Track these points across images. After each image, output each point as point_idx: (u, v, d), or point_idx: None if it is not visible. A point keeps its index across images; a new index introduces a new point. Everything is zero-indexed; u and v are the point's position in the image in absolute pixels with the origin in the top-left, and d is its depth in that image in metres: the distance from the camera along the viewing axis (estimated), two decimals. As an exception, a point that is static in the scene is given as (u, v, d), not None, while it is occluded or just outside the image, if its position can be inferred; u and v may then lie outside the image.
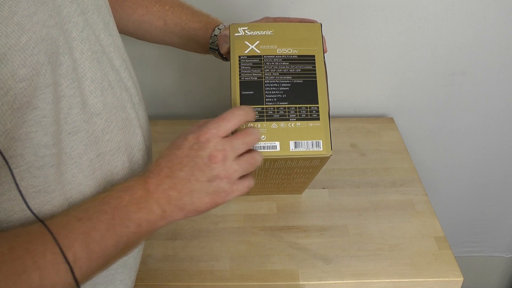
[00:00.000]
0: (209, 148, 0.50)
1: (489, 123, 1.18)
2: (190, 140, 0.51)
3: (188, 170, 0.49)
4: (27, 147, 0.40)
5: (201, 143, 0.50)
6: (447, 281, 0.75)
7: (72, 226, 0.43)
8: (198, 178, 0.49)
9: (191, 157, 0.50)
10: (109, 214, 0.45)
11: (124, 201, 0.47)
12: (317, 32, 0.66)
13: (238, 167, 0.51)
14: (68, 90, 0.44)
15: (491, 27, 1.03)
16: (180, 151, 0.50)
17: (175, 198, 0.49)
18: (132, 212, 0.46)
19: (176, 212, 0.50)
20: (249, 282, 0.74)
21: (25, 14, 0.38)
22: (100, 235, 0.44)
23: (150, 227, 0.48)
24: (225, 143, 0.51)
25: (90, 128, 0.47)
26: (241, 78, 0.63)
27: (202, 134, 0.50)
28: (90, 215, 0.44)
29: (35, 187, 0.43)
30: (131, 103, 0.54)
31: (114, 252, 0.45)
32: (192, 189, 0.49)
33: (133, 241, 0.47)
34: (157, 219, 0.48)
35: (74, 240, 0.42)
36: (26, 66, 0.38)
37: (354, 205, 0.88)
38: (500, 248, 1.43)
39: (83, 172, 0.47)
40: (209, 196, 0.50)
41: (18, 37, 0.37)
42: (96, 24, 0.50)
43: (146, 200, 0.48)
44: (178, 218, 0.50)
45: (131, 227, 0.46)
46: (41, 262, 0.39)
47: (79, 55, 0.46)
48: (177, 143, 0.51)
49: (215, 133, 0.51)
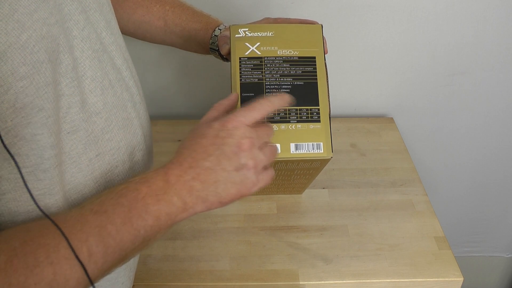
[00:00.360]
0: (237, 135, 0.48)
1: (489, 123, 1.18)
2: (216, 127, 0.49)
3: (214, 159, 0.47)
4: (33, 149, 0.40)
5: (228, 130, 0.48)
6: (447, 281, 0.75)
7: (86, 220, 0.41)
8: (225, 167, 0.47)
9: (217, 145, 0.48)
10: (126, 207, 0.43)
11: (142, 193, 0.45)
12: (317, 33, 0.66)
13: (263, 156, 0.50)
14: (67, 89, 0.43)
15: (491, 27, 1.03)
16: (205, 140, 0.48)
17: (198, 189, 0.47)
18: (150, 204, 0.44)
19: (198, 204, 0.47)
20: (249, 282, 0.74)
21: (25, 11, 0.38)
22: (116, 229, 0.42)
23: (170, 220, 0.46)
24: (252, 131, 0.49)
25: (89, 127, 0.47)
26: (241, 79, 0.63)
27: (229, 121, 0.49)
28: (105, 208, 0.43)
29: (40, 190, 0.42)
30: (132, 102, 0.54)
31: (132, 246, 0.44)
32: (218, 180, 0.47)
33: (151, 234, 0.45)
34: (177, 212, 0.46)
35: (88, 234, 0.40)
36: (26, 64, 0.38)
37: (354, 205, 0.88)
38: (500, 248, 1.43)
39: (82, 171, 0.47)
40: (235, 186, 0.48)
41: (18, 35, 0.37)
42: (98, 22, 0.49)
43: (165, 192, 0.46)
44: (200, 211, 0.48)
45: (149, 220, 0.44)
46: (54, 256, 0.38)
47: (80, 54, 0.45)
48: (200, 131, 0.49)
49: (243, 121, 0.49)
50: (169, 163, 0.48)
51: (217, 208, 0.49)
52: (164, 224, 0.46)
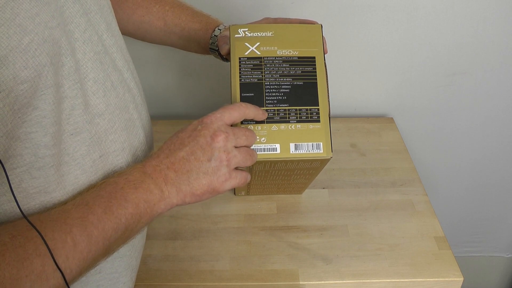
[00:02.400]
0: (212, 128, 0.51)
1: (489, 123, 1.18)
2: (194, 123, 0.52)
3: (189, 149, 0.50)
4: (27, 147, 0.40)
5: (205, 123, 0.51)
6: (447, 281, 0.75)
7: (69, 213, 0.43)
8: (198, 157, 0.50)
9: (193, 137, 0.51)
10: (105, 198, 0.45)
11: (120, 184, 0.47)
12: (317, 33, 0.66)
13: (238, 153, 0.53)
14: (70, 91, 0.44)
15: (491, 27, 1.03)
16: (183, 133, 0.52)
17: (172, 177, 0.49)
18: (128, 193, 0.47)
19: (173, 193, 0.50)
20: (249, 282, 0.74)
21: (27, 15, 0.37)
22: (97, 218, 0.44)
23: (149, 208, 0.48)
24: (227, 127, 0.52)
25: (92, 129, 0.47)
26: (241, 80, 0.63)
27: (206, 117, 0.52)
28: (86, 200, 0.45)
29: (35, 188, 0.43)
30: (134, 103, 0.54)
31: (115, 235, 0.45)
32: (190, 169, 0.50)
33: (133, 223, 0.47)
34: (155, 199, 0.48)
35: (72, 226, 0.42)
36: (28, 68, 0.38)
37: (354, 205, 0.88)
38: (500, 248, 1.43)
39: (86, 173, 0.47)
40: (206, 177, 0.50)
41: (20, 39, 0.37)
42: (99, 24, 0.50)
43: (142, 180, 0.48)
44: (176, 202, 0.50)
45: (129, 208, 0.46)
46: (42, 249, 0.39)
47: (82, 56, 0.46)
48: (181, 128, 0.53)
49: (220, 117, 0.52)
50: (148, 157, 0.51)
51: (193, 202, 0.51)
52: (143, 211, 0.47)
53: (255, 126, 0.62)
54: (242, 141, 0.54)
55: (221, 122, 0.52)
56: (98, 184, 0.47)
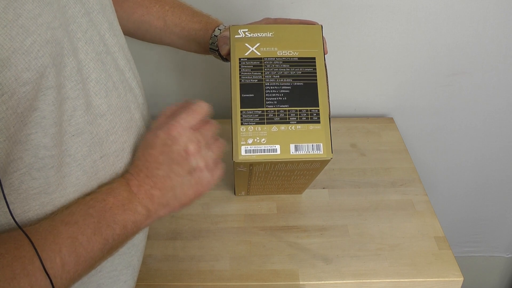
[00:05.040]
0: (182, 141, 0.50)
1: (489, 123, 1.18)
2: (162, 136, 0.50)
3: (166, 167, 0.50)
4: (27, 149, 0.40)
5: (174, 137, 0.50)
6: (447, 281, 0.75)
7: (58, 231, 0.43)
8: (178, 172, 0.50)
9: (166, 153, 0.50)
10: (95, 218, 0.45)
11: (109, 204, 0.47)
12: (317, 34, 0.66)
13: (212, 153, 0.52)
14: (72, 92, 0.43)
15: (491, 27, 1.03)
16: (154, 150, 0.50)
17: (158, 196, 0.50)
18: (117, 214, 0.47)
19: (160, 209, 0.50)
20: (249, 282, 0.74)
21: (29, 16, 0.37)
22: (87, 239, 0.44)
23: (136, 227, 0.49)
24: (195, 134, 0.51)
25: (94, 130, 0.47)
26: (241, 80, 0.63)
27: (172, 128, 0.50)
28: (76, 218, 0.44)
29: (35, 188, 0.42)
30: (136, 103, 0.54)
31: (101, 255, 0.46)
32: (174, 185, 0.50)
33: (118, 242, 0.47)
34: (142, 219, 0.49)
35: (61, 245, 0.42)
36: (30, 70, 0.38)
37: (354, 205, 0.88)
38: (500, 248, 1.43)
39: (87, 174, 0.47)
40: (192, 188, 0.51)
41: (23, 40, 0.37)
42: (101, 24, 0.49)
43: (130, 201, 0.48)
44: (163, 215, 0.51)
45: (117, 229, 0.46)
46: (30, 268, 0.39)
47: (84, 56, 0.45)
48: (148, 141, 0.51)
49: (185, 126, 0.51)
50: (127, 173, 0.50)
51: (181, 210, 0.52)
52: (130, 231, 0.48)
53: (255, 127, 0.62)
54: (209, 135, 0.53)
55: (188, 131, 0.51)
56: (87, 200, 0.46)
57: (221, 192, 0.91)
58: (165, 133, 0.50)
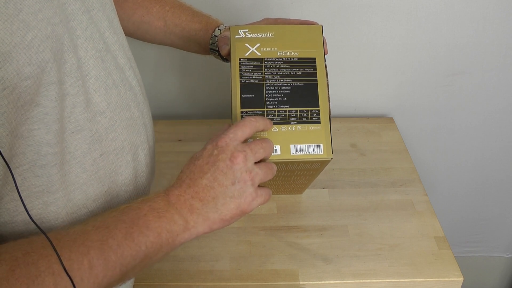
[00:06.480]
0: (229, 150, 0.50)
1: (489, 123, 1.18)
2: (209, 148, 0.51)
3: (210, 176, 0.49)
4: (29, 145, 0.40)
5: (221, 147, 0.50)
6: (447, 281, 0.75)
7: (88, 234, 0.42)
8: (221, 182, 0.49)
9: (211, 163, 0.50)
10: (127, 223, 0.44)
11: (144, 211, 0.46)
12: (318, 34, 0.66)
13: (259, 170, 0.51)
14: (72, 89, 0.43)
15: (491, 27, 1.03)
16: (200, 160, 0.50)
17: (198, 207, 0.48)
18: (151, 221, 0.46)
19: (199, 223, 0.49)
20: (249, 282, 0.74)
21: (30, 11, 0.37)
22: (117, 243, 0.43)
23: (171, 238, 0.47)
24: (244, 146, 0.51)
25: (93, 127, 0.47)
26: (241, 80, 0.63)
27: (220, 140, 0.51)
28: (107, 224, 0.44)
29: (38, 186, 0.42)
30: (135, 102, 0.54)
31: (133, 263, 0.44)
32: (216, 196, 0.49)
33: (152, 252, 0.46)
34: (179, 230, 0.47)
35: (90, 247, 0.41)
36: (31, 64, 0.38)
37: (354, 205, 0.88)
38: (500, 248, 1.43)
39: (87, 171, 0.47)
40: (234, 200, 0.49)
41: (24, 35, 0.37)
42: (101, 22, 0.49)
43: (167, 210, 0.47)
44: (202, 231, 0.49)
45: (150, 236, 0.45)
46: (55, 267, 0.39)
47: (84, 53, 0.45)
48: (196, 155, 0.51)
49: (233, 137, 0.51)
50: (169, 186, 0.50)
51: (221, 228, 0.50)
52: (165, 241, 0.47)
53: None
54: (260, 155, 0.53)
55: (235, 142, 0.51)
56: (121, 208, 0.46)
57: (221, 192, 0.91)
58: (212, 145, 0.51)
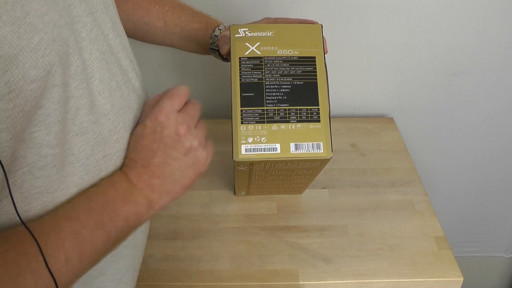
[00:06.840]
0: (171, 125, 0.50)
1: (489, 123, 1.18)
2: (149, 125, 0.50)
3: (161, 153, 0.50)
4: (30, 147, 0.40)
5: (161, 123, 0.50)
6: (447, 281, 0.75)
7: (61, 226, 0.43)
8: (174, 156, 0.50)
9: (158, 140, 0.50)
10: (97, 211, 0.45)
11: (110, 196, 0.47)
12: (317, 33, 0.66)
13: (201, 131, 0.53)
14: (76, 91, 0.43)
15: (491, 27, 1.03)
16: (145, 140, 0.50)
17: (159, 184, 0.49)
18: (119, 207, 0.47)
19: (163, 197, 0.50)
20: (249, 282, 0.74)
21: (37, 14, 0.37)
22: (89, 233, 0.44)
23: (138, 219, 0.48)
24: (183, 115, 0.51)
25: (97, 129, 0.47)
26: (241, 79, 0.63)
27: (158, 114, 0.50)
28: (78, 213, 0.44)
29: (38, 187, 0.42)
30: (139, 104, 0.54)
31: (104, 248, 0.46)
32: (172, 170, 0.50)
33: (121, 235, 0.47)
34: (144, 210, 0.49)
35: (64, 240, 0.42)
36: (37, 67, 0.38)
37: (354, 205, 0.88)
38: (500, 248, 1.43)
39: (90, 173, 0.47)
40: (191, 168, 0.51)
41: (30, 38, 0.37)
42: (105, 24, 0.49)
43: (131, 193, 0.48)
44: (166, 202, 0.51)
45: (119, 221, 0.46)
46: (34, 264, 0.39)
47: (88, 55, 0.45)
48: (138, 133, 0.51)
49: (171, 109, 0.51)
50: (124, 167, 0.50)
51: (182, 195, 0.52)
52: (132, 223, 0.48)
53: (255, 126, 0.62)
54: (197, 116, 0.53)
55: (174, 114, 0.51)
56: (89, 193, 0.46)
57: (221, 192, 0.91)
58: (152, 121, 0.50)
